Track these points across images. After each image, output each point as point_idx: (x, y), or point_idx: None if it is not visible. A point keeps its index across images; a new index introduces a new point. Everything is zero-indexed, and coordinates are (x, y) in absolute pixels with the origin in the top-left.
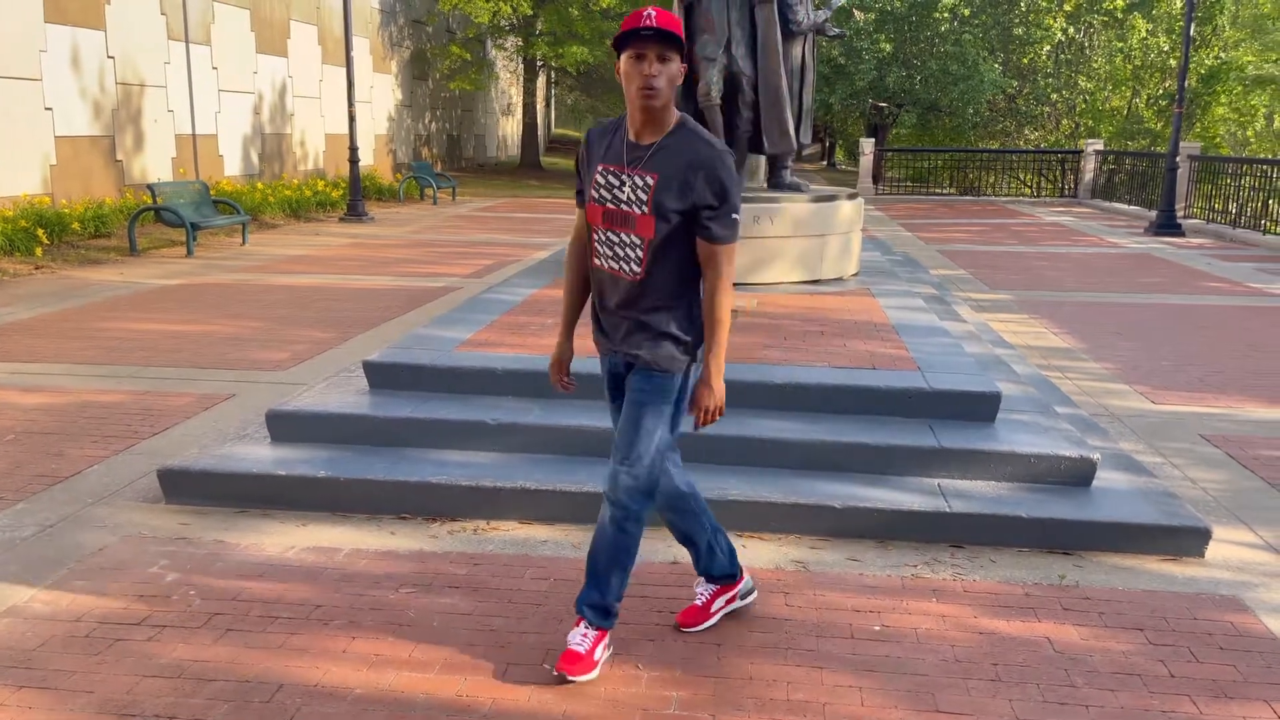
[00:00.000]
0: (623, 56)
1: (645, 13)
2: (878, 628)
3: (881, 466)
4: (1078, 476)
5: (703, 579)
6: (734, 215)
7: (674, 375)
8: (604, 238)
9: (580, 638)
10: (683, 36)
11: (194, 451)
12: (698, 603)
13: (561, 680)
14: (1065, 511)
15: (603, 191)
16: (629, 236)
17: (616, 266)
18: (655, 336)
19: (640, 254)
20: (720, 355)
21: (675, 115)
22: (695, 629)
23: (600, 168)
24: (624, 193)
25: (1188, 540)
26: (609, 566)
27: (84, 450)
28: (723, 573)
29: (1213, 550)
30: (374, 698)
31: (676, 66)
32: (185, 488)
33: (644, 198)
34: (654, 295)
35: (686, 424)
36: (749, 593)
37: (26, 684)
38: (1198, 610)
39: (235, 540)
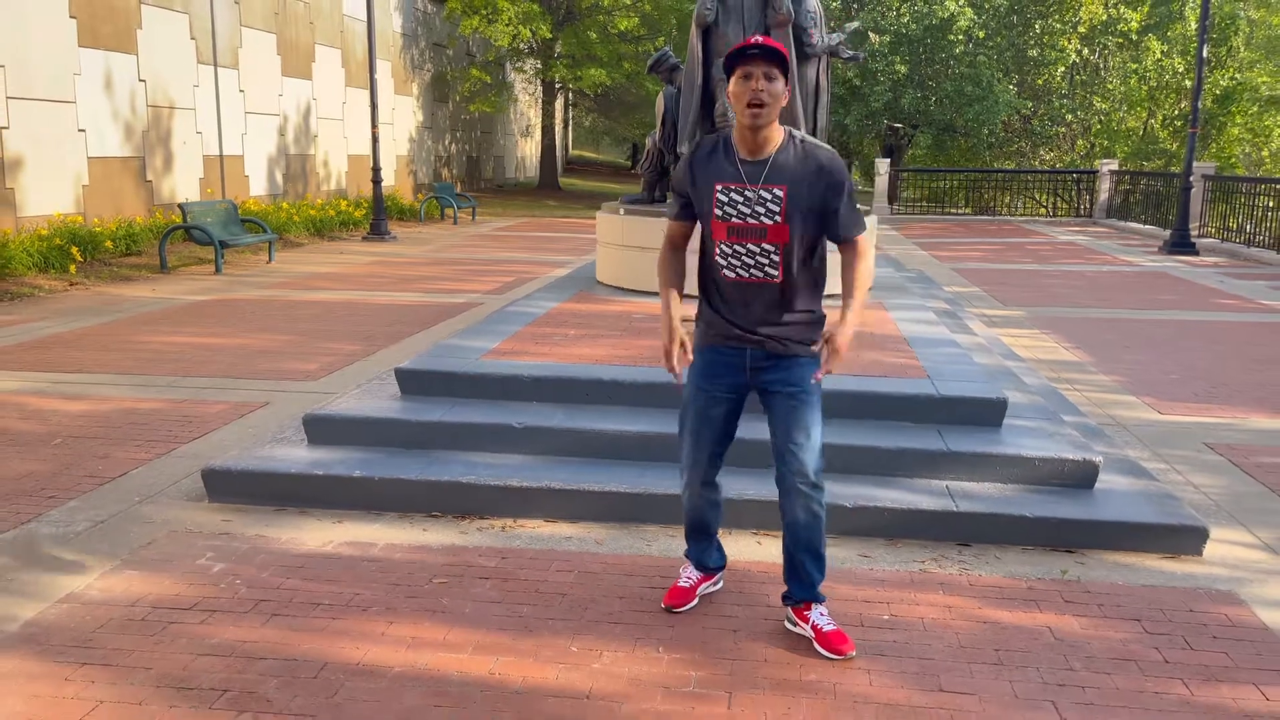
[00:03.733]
0: (731, 78)
1: (752, 37)
2: (886, 617)
3: (891, 469)
4: (1081, 478)
5: (693, 565)
6: (858, 207)
7: (815, 361)
8: (729, 250)
9: (820, 616)
10: (789, 59)
11: (235, 453)
12: (684, 585)
13: (846, 660)
14: (1069, 511)
15: (726, 209)
16: (760, 246)
17: (748, 275)
18: (803, 326)
19: (776, 259)
20: (860, 314)
21: (782, 130)
22: (682, 609)
23: (719, 186)
24: (749, 208)
25: (1186, 539)
26: (820, 545)
27: (128, 453)
28: (716, 565)
29: (1211, 549)
30: (412, 675)
31: (782, 85)
32: (227, 487)
33: (775, 209)
34: (794, 292)
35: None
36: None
37: (88, 661)
38: (1193, 603)
39: (276, 535)
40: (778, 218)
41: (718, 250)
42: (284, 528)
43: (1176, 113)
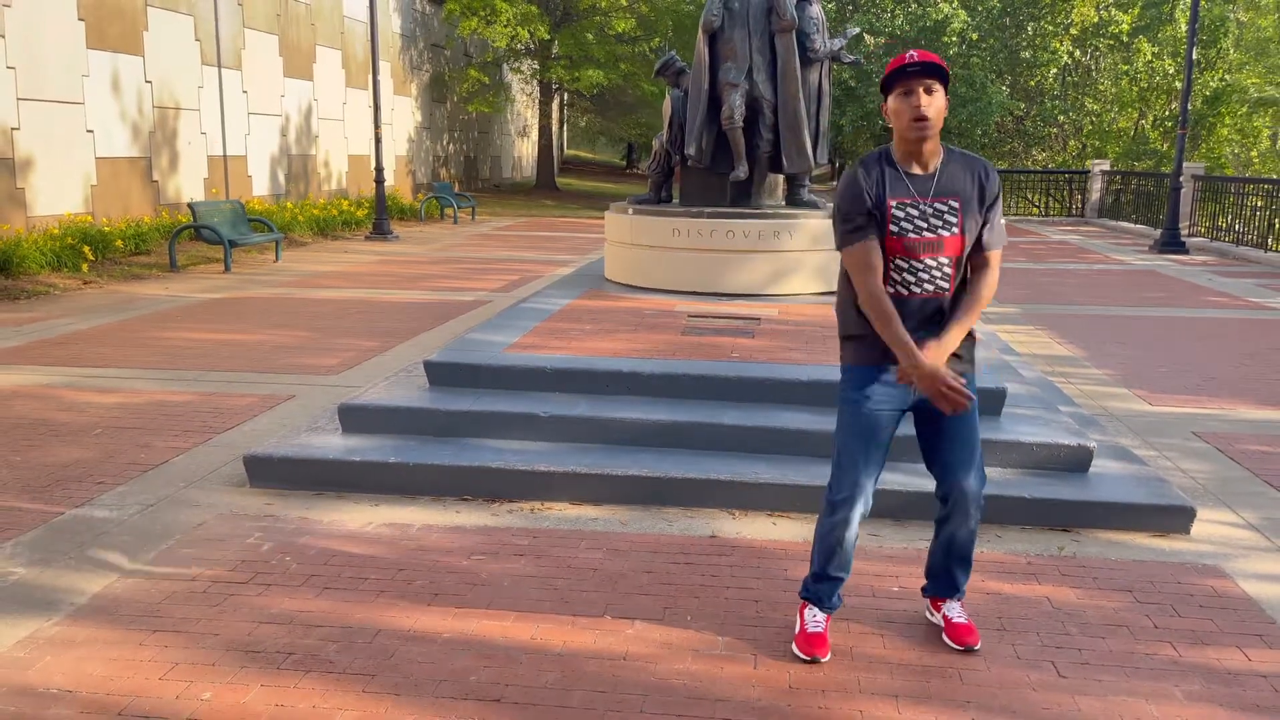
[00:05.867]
0: (890, 96)
1: (908, 54)
2: (896, 589)
3: (897, 454)
4: (1076, 463)
5: (818, 604)
6: (1002, 220)
7: (972, 374)
8: (905, 265)
9: (952, 608)
10: (946, 70)
11: (274, 440)
12: (816, 630)
13: (969, 651)
14: (1064, 493)
15: (902, 224)
16: (936, 259)
17: (921, 290)
18: (966, 340)
19: (949, 272)
20: (963, 331)
21: (939, 142)
22: (826, 658)
23: (893, 202)
24: (925, 221)
25: (1175, 518)
26: (971, 554)
27: (167, 442)
28: (839, 603)
29: (1198, 528)
30: (460, 641)
31: (943, 98)
32: (268, 472)
33: (952, 220)
34: (952, 306)
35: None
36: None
37: (160, 629)
38: (1181, 576)
39: (318, 517)
40: (955, 229)
41: (891, 266)
42: (325, 510)
43: (1167, 114)
